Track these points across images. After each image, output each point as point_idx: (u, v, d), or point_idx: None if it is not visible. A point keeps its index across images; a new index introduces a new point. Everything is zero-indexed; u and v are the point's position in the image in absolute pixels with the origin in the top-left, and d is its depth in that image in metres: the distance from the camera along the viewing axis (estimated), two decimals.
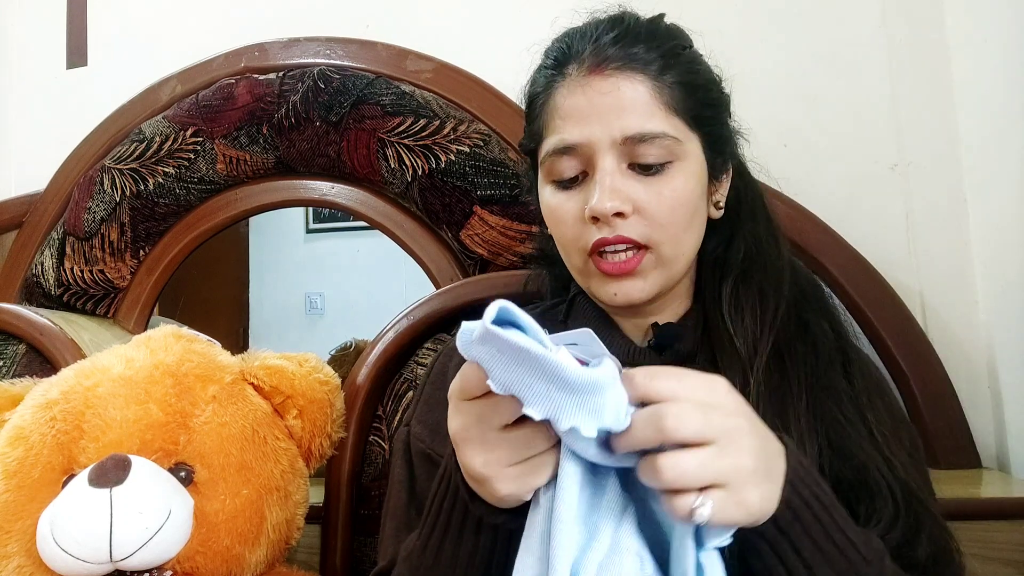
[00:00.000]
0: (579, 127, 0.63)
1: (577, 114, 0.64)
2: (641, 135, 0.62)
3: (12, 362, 1.14)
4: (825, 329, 0.70)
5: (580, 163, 0.65)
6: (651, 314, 0.71)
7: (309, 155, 1.17)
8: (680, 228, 0.65)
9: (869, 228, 1.07)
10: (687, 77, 0.65)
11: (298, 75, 1.17)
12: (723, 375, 0.58)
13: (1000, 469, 1.00)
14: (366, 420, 1.01)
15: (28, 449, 0.77)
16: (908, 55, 1.10)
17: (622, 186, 0.62)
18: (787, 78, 1.13)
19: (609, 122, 0.62)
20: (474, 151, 1.08)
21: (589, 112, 0.63)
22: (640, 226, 0.63)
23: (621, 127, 0.62)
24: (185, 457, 0.77)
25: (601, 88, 0.63)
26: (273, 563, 0.82)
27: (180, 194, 1.21)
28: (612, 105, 0.62)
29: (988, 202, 1.04)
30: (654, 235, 0.64)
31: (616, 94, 0.62)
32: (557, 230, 0.68)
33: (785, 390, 0.64)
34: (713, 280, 0.71)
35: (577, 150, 0.64)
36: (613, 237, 0.63)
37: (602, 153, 0.63)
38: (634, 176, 0.63)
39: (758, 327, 0.66)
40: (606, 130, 0.62)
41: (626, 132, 0.62)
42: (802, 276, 0.73)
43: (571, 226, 0.66)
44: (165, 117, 1.23)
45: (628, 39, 0.64)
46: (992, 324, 1.03)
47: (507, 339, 0.43)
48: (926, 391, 0.99)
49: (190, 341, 0.87)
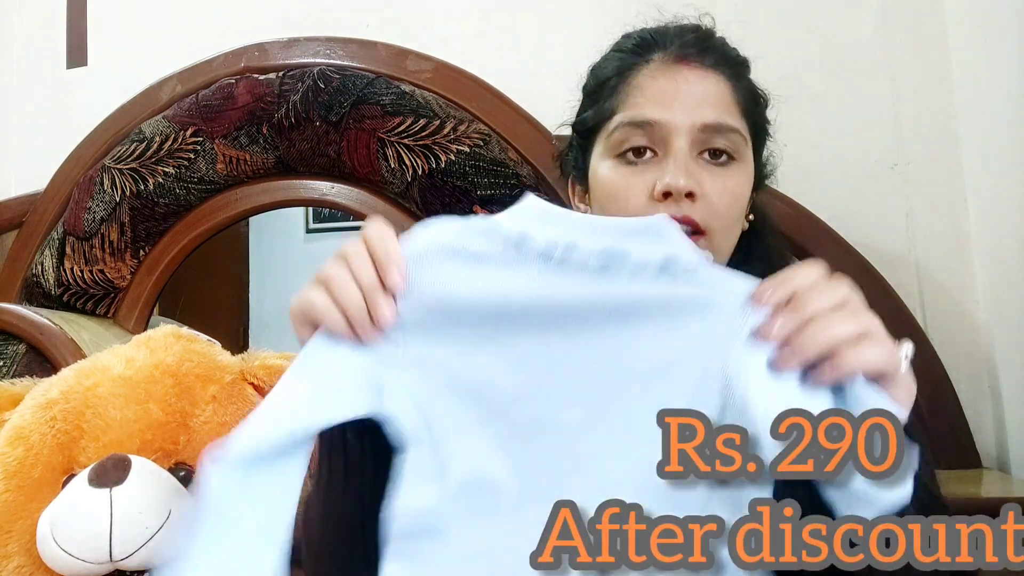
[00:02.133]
0: (661, 107, 0.66)
1: (662, 95, 0.66)
2: (718, 125, 0.65)
3: (12, 362, 1.14)
4: None
5: (651, 141, 0.66)
6: None
7: (309, 155, 1.17)
8: (733, 221, 0.67)
9: (869, 228, 1.07)
10: (751, 89, 0.71)
11: (298, 75, 1.17)
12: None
13: (1000, 469, 1.00)
14: None
15: (28, 449, 0.77)
16: (908, 55, 1.10)
17: (695, 170, 0.65)
18: (787, 78, 1.13)
19: (691, 109, 0.65)
20: (474, 151, 1.08)
21: (674, 96, 0.66)
22: (703, 211, 0.65)
23: (703, 115, 0.65)
24: (185, 457, 0.77)
25: (689, 77, 0.66)
26: None
27: (180, 194, 1.21)
28: (698, 94, 0.66)
29: (988, 202, 1.04)
30: (713, 222, 0.65)
31: (703, 84, 0.66)
32: (617, 204, 0.68)
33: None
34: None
35: (655, 128, 0.66)
36: (681, 217, 0.64)
37: (679, 136, 0.65)
38: (703, 165, 0.66)
39: None
40: (687, 115, 0.65)
41: (706, 119, 0.65)
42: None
43: (633, 201, 0.66)
44: (165, 117, 1.23)
45: (709, 43, 0.69)
46: (992, 324, 1.03)
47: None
48: (926, 391, 0.99)
49: (190, 341, 0.87)
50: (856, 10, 1.13)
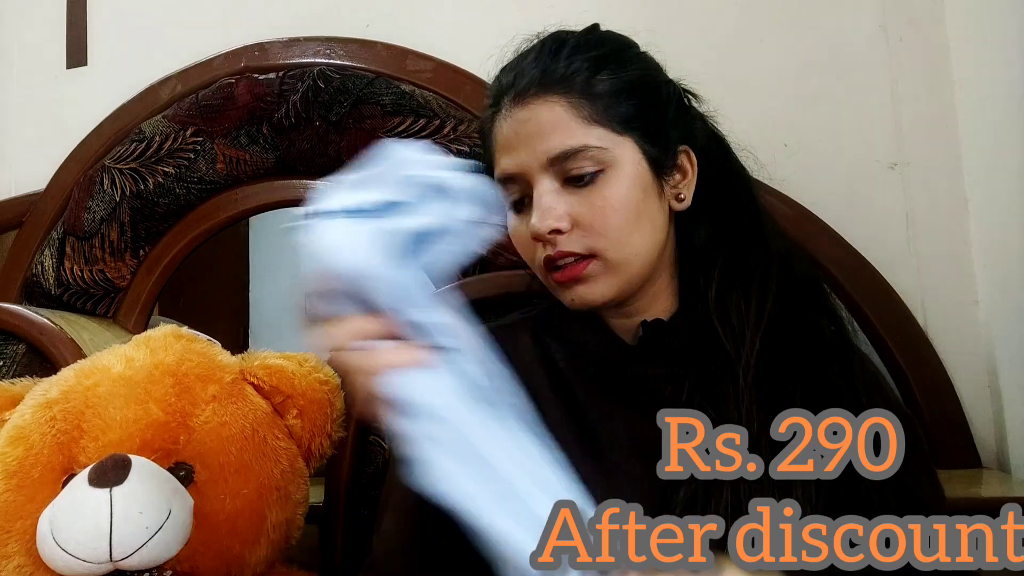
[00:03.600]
0: (512, 156, 0.67)
1: (508, 144, 0.68)
2: (563, 152, 0.65)
3: (12, 362, 1.14)
4: (823, 326, 0.69)
5: (522, 188, 0.68)
6: (637, 312, 0.71)
7: (309, 155, 1.17)
8: (622, 232, 0.66)
9: (869, 228, 1.07)
10: (611, 84, 0.67)
11: (298, 75, 1.17)
12: (716, 378, 0.57)
13: (1000, 469, 1.00)
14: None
15: (28, 449, 0.77)
16: (908, 55, 1.10)
17: (556, 204, 0.65)
18: (787, 78, 1.13)
19: (534, 147, 0.66)
20: (474, 151, 1.08)
21: (516, 141, 0.67)
22: (580, 238, 0.66)
23: (544, 149, 0.65)
24: (185, 457, 0.77)
25: (521, 117, 0.67)
26: (273, 563, 0.82)
27: (180, 194, 1.21)
28: (533, 131, 0.66)
29: (988, 202, 1.04)
30: (595, 244, 0.66)
31: (535, 120, 0.66)
32: (518, 250, 0.72)
33: (780, 395, 0.63)
34: (697, 277, 0.71)
35: (516, 178, 0.68)
36: (556, 253, 0.66)
37: (536, 176, 0.66)
38: (570, 191, 0.66)
39: (744, 326, 0.66)
40: (532, 155, 0.66)
41: (549, 153, 0.65)
42: (798, 269, 0.72)
43: (526, 247, 0.70)
44: (165, 117, 1.23)
45: (547, 59, 0.68)
46: (992, 324, 1.03)
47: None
48: (926, 391, 0.99)
49: (190, 341, 0.87)
50: (856, 10, 1.13)
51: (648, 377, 0.69)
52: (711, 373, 0.65)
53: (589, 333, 0.73)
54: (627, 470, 0.65)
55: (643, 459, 0.64)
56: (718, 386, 0.64)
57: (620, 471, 0.65)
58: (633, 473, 0.65)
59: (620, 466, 0.65)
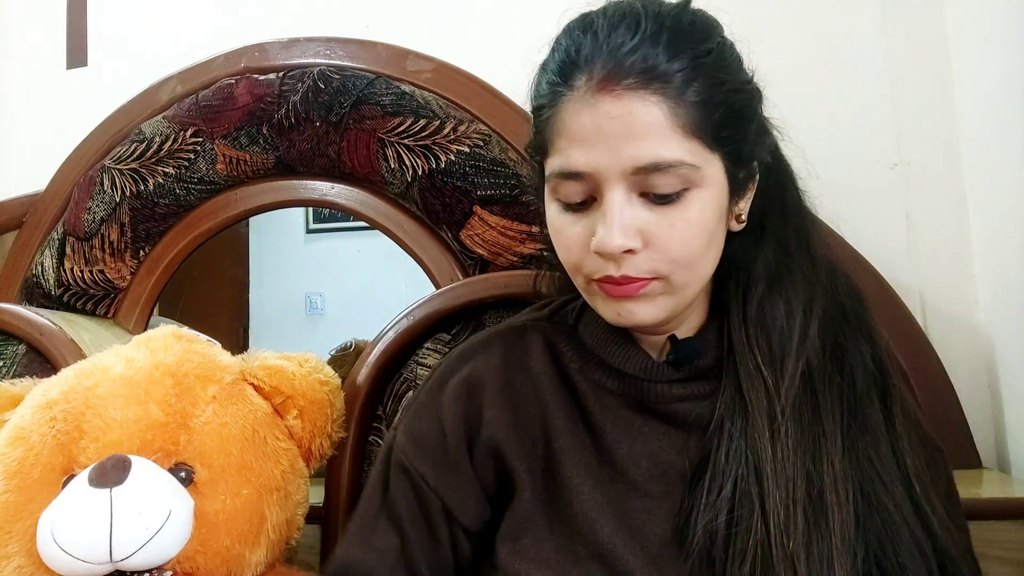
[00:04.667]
0: (586, 153, 0.57)
1: (584, 137, 0.57)
2: (655, 164, 0.56)
3: (12, 362, 1.14)
4: (864, 354, 0.65)
5: (587, 189, 0.59)
6: (668, 328, 0.66)
7: (309, 155, 1.17)
8: (694, 258, 0.60)
9: (869, 228, 1.07)
10: (710, 91, 0.58)
11: (298, 75, 1.17)
12: (749, 405, 0.55)
13: (1000, 469, 1.00)
14: (366, 420, 1.01)
15: (28, 449, 0.77)
16: (908, 55, 1.10)
17: (631, 219, 0.57)
18: (787, 78, 1.13)
19: (619, 150, 0.56)
20: (474, 151, 1.08)
21: (597, 138, 0.56)
22: (649, 261, 0.58)
23: (632, 156, 0.56)
24: (185, 457, 0.77)
25: (609, 110, 0.56)
26: (273, 563, 0.82)
27: (180, 194, 1.21)
28: (623, 132, 0.56)
29: (988, 202, 1.04)
30: (663, 268, 0.59)
31: (628, 119, 0.56)
32: (560, 251, 0.64)
33: (818, 429, 0.60)
34: (736, 292, 0.65)
35: (584, 177, 0.58)
36: (619, 276, 0.59)
37: (610, 183, 0.57)
38: (646, 206, 0.58)
39: (785, 351, 0.61)
40: (615, 159, 0.56)
41: (637, 162, 0.56)
42: (842, 289, 0.67)
43: (575, 252, 0.61)
44: (165, 117, 1.23)
45: (648, 43, 0.57)
46: (992, 324, 1.03)
47: None
48: (926, 391, 0.99)
49: (190, 341, 0.87)
50: (856, 10, 1.13)
51: (673, 396, 0.65)
52: (743, 398, 0.61)
53: (612, 345, 0.67)
54: (645, 491, 0.62)
55: (662, 480, 0.62)
56: (749, 413, 0.60)
57: (637, 491, 0.62)
58: (651, 494, 0.62)
59: (637, 486, 0.62)
